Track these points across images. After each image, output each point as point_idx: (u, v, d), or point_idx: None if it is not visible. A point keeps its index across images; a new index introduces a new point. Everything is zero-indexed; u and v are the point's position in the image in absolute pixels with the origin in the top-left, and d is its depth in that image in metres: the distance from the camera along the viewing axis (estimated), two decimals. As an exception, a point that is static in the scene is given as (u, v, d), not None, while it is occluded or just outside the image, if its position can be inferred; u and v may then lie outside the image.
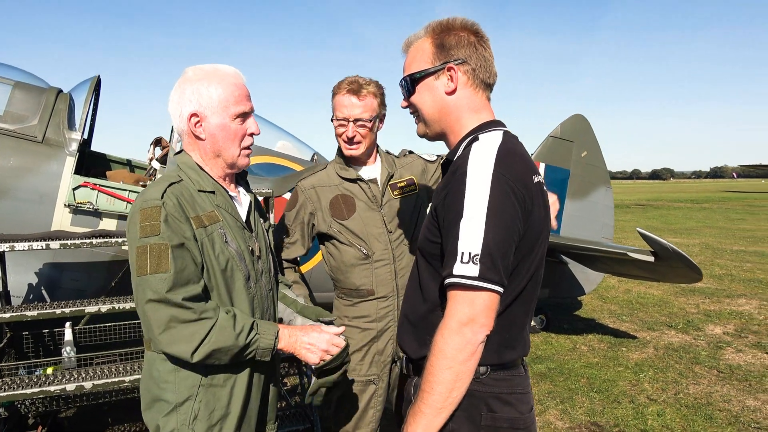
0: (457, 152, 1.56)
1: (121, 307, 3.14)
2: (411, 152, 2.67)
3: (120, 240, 3.36)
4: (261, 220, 1.95)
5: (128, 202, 4.08)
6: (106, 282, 3.96)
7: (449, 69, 1.56)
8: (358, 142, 2.33)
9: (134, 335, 3.71)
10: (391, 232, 2.39)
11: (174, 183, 1.66)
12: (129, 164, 4.96)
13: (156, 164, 4.37)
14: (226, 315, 1.60)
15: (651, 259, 4.66)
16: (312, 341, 1.72)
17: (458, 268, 1.34)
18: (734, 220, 19.98)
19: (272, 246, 1.99)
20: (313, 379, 1.83)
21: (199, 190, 1.70)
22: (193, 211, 1.64)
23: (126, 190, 4.08)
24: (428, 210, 1.59)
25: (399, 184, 2.48)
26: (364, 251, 2.37)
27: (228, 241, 1.69)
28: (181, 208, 1.61)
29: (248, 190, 1.92)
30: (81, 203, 3.90)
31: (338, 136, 2.37)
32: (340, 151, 2.45)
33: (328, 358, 1.74)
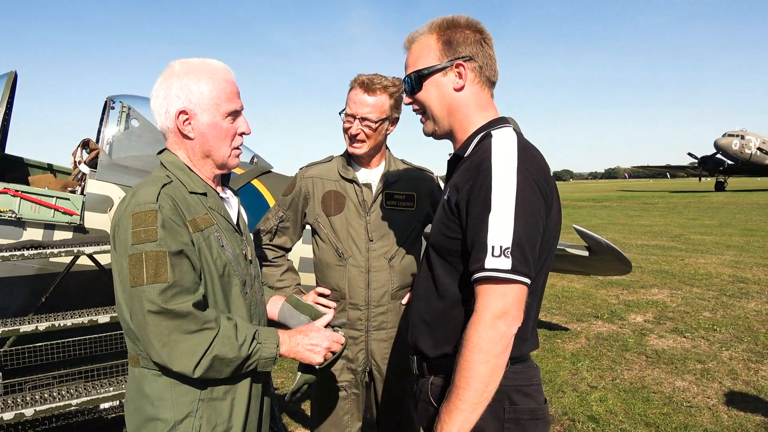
0: (468, 148, 1.57)
1: (62, 324, 2.88)
2: (431, 173, 2.55)
3: (55, 251, 3.07)
4: (246, 223, 1.87)
5: (56, 209, 3.75)
6: (31, 298, 3.60)
7: (458, 66, 1.56)
8: (362, 141, 2.27)
9: (69, 354, 3.40)
10: (372, 241, 2.33)
11: (166, 184, 1.54)
12: (50, 169, 4.56)
13: (85, 168, 4.05)
14: (228, 323, 1.51)
15: (586, 253, 4.93)
16: (314, 341, 1.67)
17: (490, 262, 1.34)
18: (633, 217, 21.63)
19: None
20: (298, 375, 1.81)
21: (191, 192, 1.60)
22: (189, 214, 1.53)
23: (53, 196, 3.75)
24: (441, 206, 1.58)
25: (396, 196, 2.36)
26: (340, 252, 2.33)
27: (224, 245, 1.60)
28: (178, 211, 1.50)
29: (235, 192, 1.83)
30: (1, 212, 3.54)
31: (344, 131, 2.31)
32: (346, 151, 2.40)
33: (330, 356, 1.71)
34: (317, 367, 1.72)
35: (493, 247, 1.34)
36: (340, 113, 2.32)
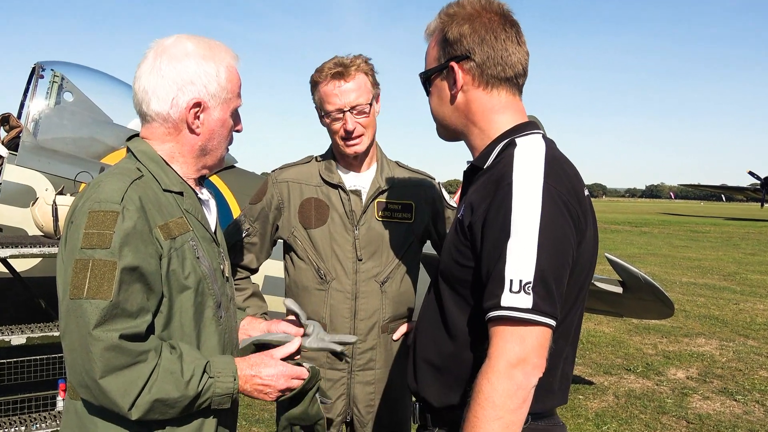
0: (489, 159, 1.62)
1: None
2: (433, 178, 2.61)
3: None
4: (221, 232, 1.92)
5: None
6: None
7: (451, 67, 1.63)
8: (360, 135, 2.32)
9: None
10: (360, 260, 2.38)
11: (136, 179, 1.58)
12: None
13: (2, 150, 4.07)
14: (170, 356, 1.53)
15: (620, 290, 5.01)
16: (266, 381, 1.69)
17: (507, 299, 1.39)
18: (678, 248, 21.92)
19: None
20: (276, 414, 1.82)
21: (165, 190, 1.64)
22: (161, 218, 1.57)
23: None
24: (454, 228, 1.64)
25: (390, 205, 2.42)
26: (322, 273, 2.37)
27: (200, 257, 1.64)
28: (145, 214, 1.53)
29: (211, 191, 1.88)
30: None
31: (334, 133, 2.35)
32: (330, 151, 2.46)
33: (288, 393, 1.74)
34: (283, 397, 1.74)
35: (511, 280, 1.40)
36: (322, 119, 2.37)
